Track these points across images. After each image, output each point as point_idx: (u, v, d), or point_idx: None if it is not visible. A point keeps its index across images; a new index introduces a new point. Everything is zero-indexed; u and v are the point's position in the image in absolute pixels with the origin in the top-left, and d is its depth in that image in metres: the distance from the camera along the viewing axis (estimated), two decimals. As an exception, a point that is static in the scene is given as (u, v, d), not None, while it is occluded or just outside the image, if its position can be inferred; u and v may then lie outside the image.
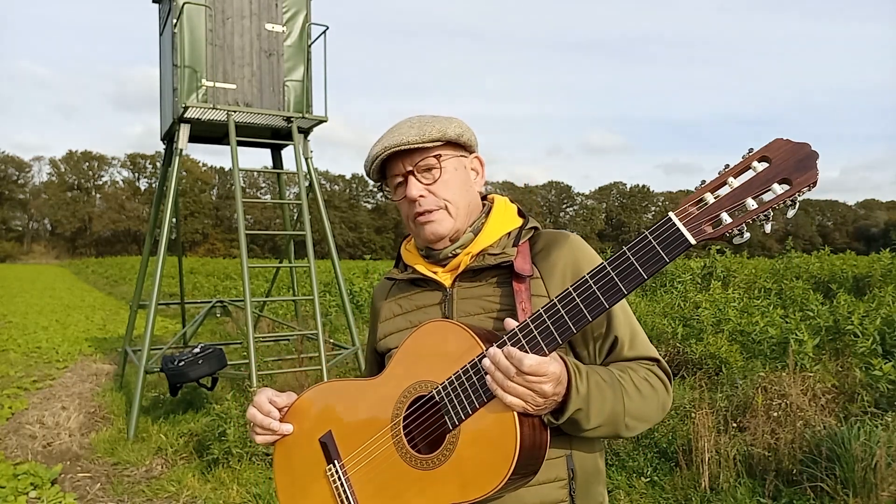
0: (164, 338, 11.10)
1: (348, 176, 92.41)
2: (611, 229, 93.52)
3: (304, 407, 1.41)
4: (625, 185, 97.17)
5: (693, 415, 4.47)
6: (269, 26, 6.78)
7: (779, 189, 1.01)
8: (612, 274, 1.10)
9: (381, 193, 1.44)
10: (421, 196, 1.34)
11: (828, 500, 3.71)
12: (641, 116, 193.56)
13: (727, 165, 1.07)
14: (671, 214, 1.07)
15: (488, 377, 1.13)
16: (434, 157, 1.35)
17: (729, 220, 1.03)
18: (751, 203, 1.02)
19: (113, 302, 20.76)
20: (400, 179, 1.37)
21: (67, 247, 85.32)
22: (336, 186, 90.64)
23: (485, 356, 1.15)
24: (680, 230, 1.05)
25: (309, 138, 7.18)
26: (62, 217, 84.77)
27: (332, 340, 8.22)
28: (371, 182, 1.43)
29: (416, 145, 1.32)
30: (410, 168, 1.35)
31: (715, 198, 1.05)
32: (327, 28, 7.02)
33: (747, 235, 1.04)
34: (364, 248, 79.19)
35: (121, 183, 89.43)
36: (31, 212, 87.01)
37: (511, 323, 1.17)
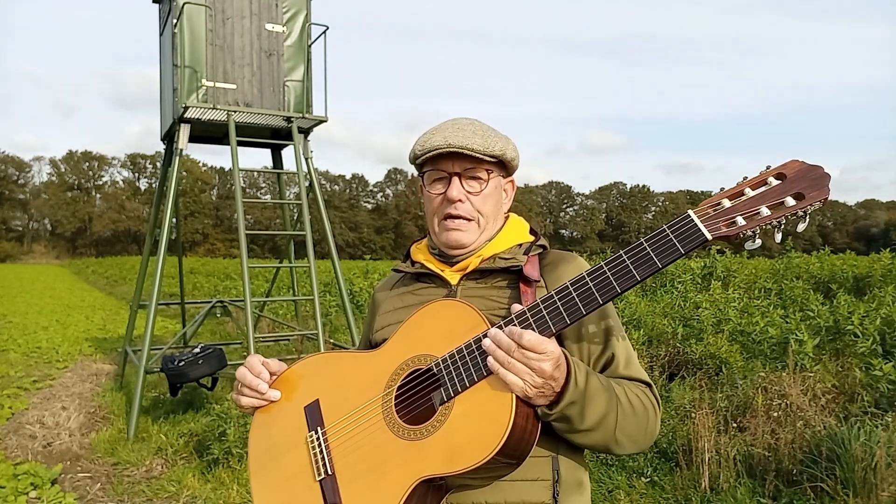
0: (164, 338, 11.11)
1: (348, 176, 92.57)
2: (611, 229, 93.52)
3: (293, 377, 1.40)
4: (625, 185, 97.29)
5: (693, 415, 4.48)
6: (269, 26, 6.79)
7: (791, 201, 1.08)
8: (627, 261, 1.14)
9: (420, 180, 1.45)
10: (460, 200, 1.36)
11: (828, 500, 3.71)
12: (641, 116, 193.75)
13: (745, 177, 1.14)
14: (690, 212, 1.13)
15: (489, 357, 1.14)
16: (486, 170, 1.38)
17: (743, 222, 1.10)
18: (764, 210, 1.09)
19: (113, 302, 20.75)
20: (443, 176, 1.38)
21: (67, 247, 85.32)
22: (336, 186, 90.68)
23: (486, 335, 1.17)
24: (697, 225, 1.11)
25: (309, 138, 7.18)
26: (62, 217, 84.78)
27: (332, 340, 8.23)
28: (411, 165, 1.45)
29: (477, 154, 1.33)
30: (459, 171, 1.37)
31: (732, 203, 1.12)
32: (327, 28, 7.03)
33: (759, 242, 1.10)
34: (364, 248, 79.24)
35: (121, 183, 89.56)
36: (31, 212, 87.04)
37: (517, 306, 1.19)
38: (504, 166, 1.43)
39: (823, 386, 4.93)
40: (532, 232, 1.49)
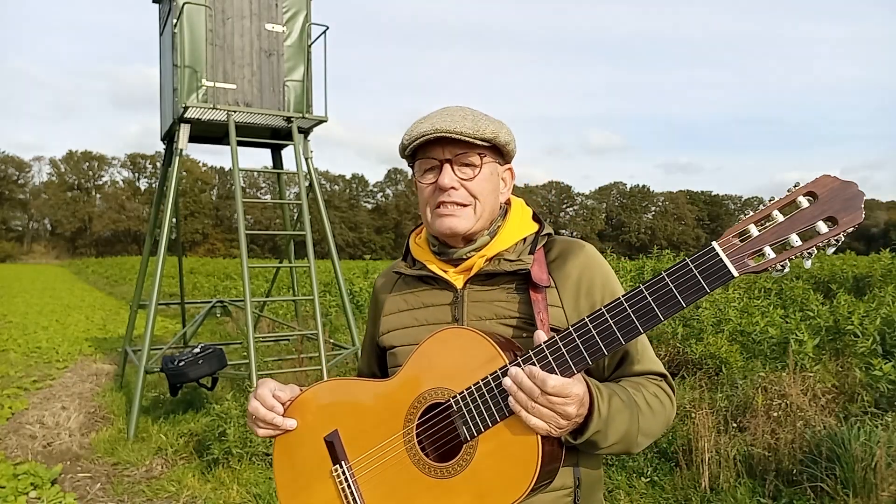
0: (164, 338, 11.11)
1: (348, 176, 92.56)
2: (611, 229, 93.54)
3: (308, 403, 1.38)
4: (625, 185, 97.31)
5: (693, 415, 4.47)
6: (269, 26, 6.79)
7: (824, 227, 0.99)
8: (650, 299, 1.07)
9: (410, 173, 1.39)
10: (453, 188, 1.30)
11: (828, 500, 3.71)
12: (641, 116, 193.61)
13: (772, 198, 1.04)
14: (714, 244, 1.05)
15: (511, 398, 1.11)
16: (478, 155, 1.32)
17: (772, 255, 1.02)
18: (795, 240, 1.01)
19: (113, 302, 20.75)
20: (434, 164, 1.32)
21: (67, 247, 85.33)
22: (336, 186, 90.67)
23: (506, 375, 1.13)
24: (723, 261, 1.03)
25: (309, 138, 7.18)
26: (62, 217, 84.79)
27: (332, 340, 8.23)
28: (403, 159, 1.39)
29: (467, 138, 1.28)
30: (450, 157, 1.31)
31: (759, 230, 1.03)
32: (327, 28, 7.03)
33: (787, 269, 1.02)
34: (364, 248, 79.29)
35: (121, 183, 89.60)
36: (31, 212, 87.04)
37: (541, 336, 1.14)
38: (499, 152, 1.36)
39: (823, 386, 4.94)
40: (535, 217, 1.43)
